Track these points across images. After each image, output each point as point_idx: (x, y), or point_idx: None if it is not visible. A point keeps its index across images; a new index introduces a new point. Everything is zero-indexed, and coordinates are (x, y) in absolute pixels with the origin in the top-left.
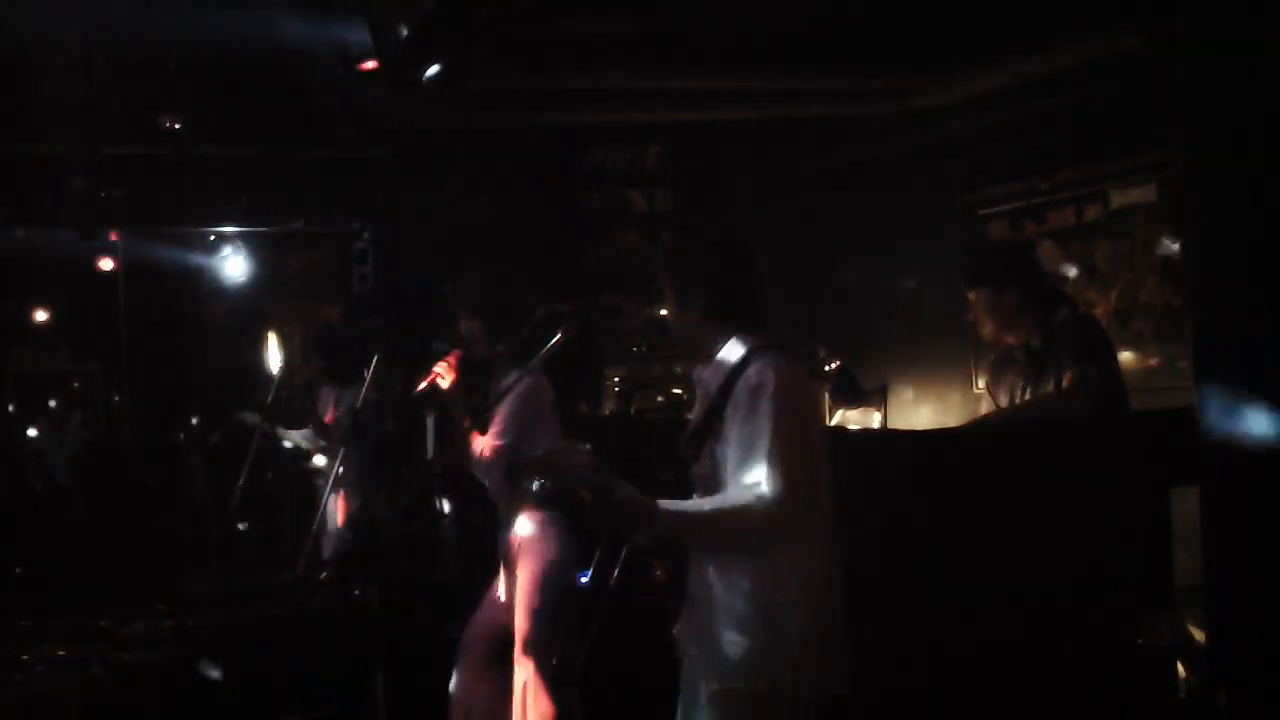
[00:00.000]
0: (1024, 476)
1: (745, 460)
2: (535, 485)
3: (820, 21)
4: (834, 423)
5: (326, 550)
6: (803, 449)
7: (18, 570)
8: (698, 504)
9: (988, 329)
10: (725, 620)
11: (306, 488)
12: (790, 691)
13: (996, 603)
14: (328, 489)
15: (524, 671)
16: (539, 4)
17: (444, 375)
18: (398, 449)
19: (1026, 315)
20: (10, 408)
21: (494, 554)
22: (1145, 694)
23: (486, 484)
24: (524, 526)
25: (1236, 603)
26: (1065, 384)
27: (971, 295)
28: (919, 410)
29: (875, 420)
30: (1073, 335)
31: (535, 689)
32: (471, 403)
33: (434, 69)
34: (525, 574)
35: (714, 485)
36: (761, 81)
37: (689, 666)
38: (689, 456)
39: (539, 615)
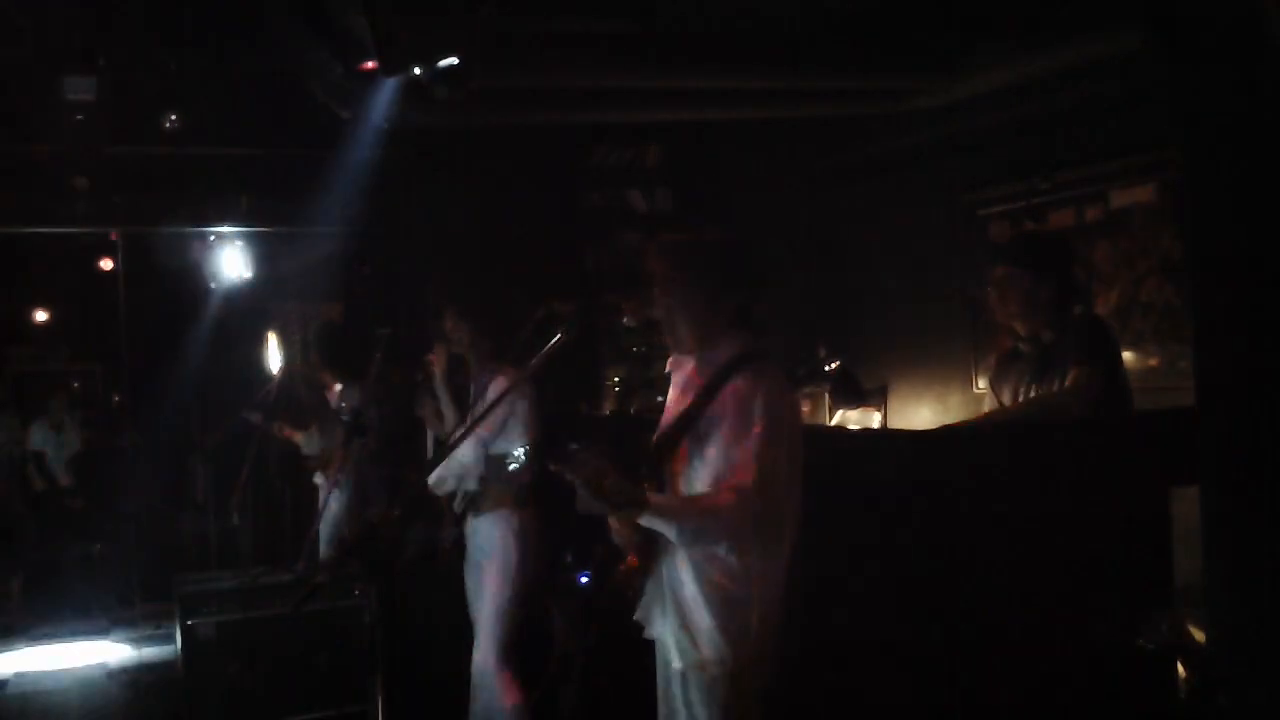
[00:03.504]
0: (1024, 476)
1: (727, 462)
2: (512, 466)
3: (820, 21)
4: (834, 423)
5: (326, 550)
6: (780, 459)
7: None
8: (684, 497)
9: (1007, 311)
10: (693, 607)
11: (306, 488)
12: (744, 670)
13: (996, 602)
14: (328, 489)
15: (485, 662)
16: (539, 3)
17: (436, 362)
18: (398, 449)
19: (1051, 308)
20: (10, 408)
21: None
22: (1145, 694)
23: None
24: (489, 523)
25: (1236, 603)
26: (1068, 383)
27: (1001, 273)
28: (919, 410)
29: (875, 420)
30: (1081, 335)
31: (501, 681)
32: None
33: (434, 69)
34: (491, 571)
35: (687, 479)
36: (761, 81)
37: (659, 646)
38: (666, 449)
39: (502, 613)
